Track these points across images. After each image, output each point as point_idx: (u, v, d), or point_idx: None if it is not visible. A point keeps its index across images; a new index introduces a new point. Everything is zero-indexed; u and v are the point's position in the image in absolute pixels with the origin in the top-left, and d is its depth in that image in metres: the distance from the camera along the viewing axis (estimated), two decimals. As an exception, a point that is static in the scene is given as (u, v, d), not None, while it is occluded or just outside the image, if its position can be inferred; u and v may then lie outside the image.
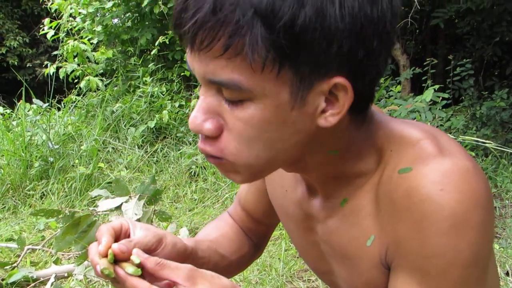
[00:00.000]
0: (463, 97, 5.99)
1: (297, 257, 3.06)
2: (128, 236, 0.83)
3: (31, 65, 11.40)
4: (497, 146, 3.62)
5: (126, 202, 2.06)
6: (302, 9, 0.59)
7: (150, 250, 0.80)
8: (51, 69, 5.77)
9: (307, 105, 0.67)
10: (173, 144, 5.02)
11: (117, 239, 0.80)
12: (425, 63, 5.76)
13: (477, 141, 3.52)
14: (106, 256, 0.75)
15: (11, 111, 5.87)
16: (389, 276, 0.76)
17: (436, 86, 4.75)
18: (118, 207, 2.05)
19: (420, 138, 0.74)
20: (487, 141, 3.30)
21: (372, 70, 0.68)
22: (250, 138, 0.69)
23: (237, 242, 1.13)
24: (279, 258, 3.00)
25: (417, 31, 8.24)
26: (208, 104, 0.69)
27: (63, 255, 3.12)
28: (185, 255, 0.89)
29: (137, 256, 0.74)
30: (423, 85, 5.44)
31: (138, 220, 1.96)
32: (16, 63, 10.99)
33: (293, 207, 0.94)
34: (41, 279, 2.72)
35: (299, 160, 0.77)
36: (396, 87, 5.44)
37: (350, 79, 0.66)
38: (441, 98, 4.65)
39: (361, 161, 0.78)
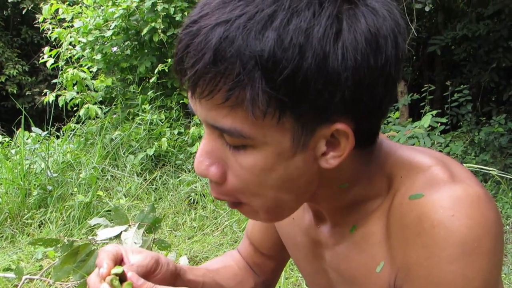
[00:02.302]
0: (461, 123, 6.01)
1: (298, 286, 3.03)
2: (122, 260, 0.83)
3: (30, 93, 11.42)
4: (501, 173, 3.62)
5: (125, 230, 2.04)
6: (303, 61, 0.59)
7: (149, 272, 0.81)
8: (50, 97, 5.79)
9: (308, 149, 0.67)
10: (172, 171, 5.01)
11: (115, 263, 0.81)
12: (422, 89, 5.80)
13: (482, 168, 3.51)
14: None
15: (10, 140, 5.87)
16: None
17: (434, 112, 4.76)
18: (117, 236, 2.03)
19: (430, 164, 0.74)
20: (490, 169, 3.30)
21: (377, 113, 0.69)
22: (254, 184, 0.70)
23: (240, 276, 1.12)
24: (279, 286, 2.98)
25: (414, 57, 8.31)
26: (212, 148, 0.70)
27: (61, 285, 3.08)
28: (175, 274, 0.90)
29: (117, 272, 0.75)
30: (421, 111, 5.46)
31: (138, 249, 1.94)
32: (15, 91, 11.01)
33: (301, 235, 0.94)
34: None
35: (311, 195, 0.77)
36: (394, 113, 5.46)
37: (354, 123, 0.66)
38: (439, 123, 4.66)
39: (371, 188, 0.78)
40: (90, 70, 6.27)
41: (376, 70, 0.63)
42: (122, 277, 0.75)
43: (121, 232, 2.04)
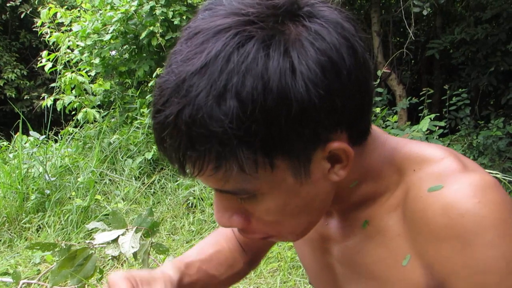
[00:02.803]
0: (460, 127, 6.01)
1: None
2: None
3: (28, 97, 11.41)
4: (505, 176, 3.62)
5: (123, 234, 2.04)
6: (272, 117, 0.59)
7: None
8: (48, 101, 5.79)
9: (313, 174, 0.68)
10: (170, 175, 5.00)
11: None
12: (421, 93, 5.80)
13: (490, 173, 3.51)
14: None
15: (8, 144, 5.86)
16: None
17: (432, 115, 4.76)
18: (115, 240, 2.02)
19: (443, 156, 0.76)
20: (494, 172, 3.30)
21: (362, 116, 0.70)
22: (276, 221, 0.73)
23: (231, 260, 1.12)
24: (277, 291, 2.97)
25: (413, 61, 8.31)
26: (226, 203, 0.73)
27: (59, 289, 3.08)
28: None
29: None
30: (419, 114, 5.46)
31: (135, 253, 1.94)
32: (13, 95, 10.99)
33: None
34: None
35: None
36: (392, 117, 5.46)
37: (344, 133, 0.67)
38: (438, 127, 4.66)
39: (380, 182, 0.79)
40: (89, 74, 6.27)
41: (343, 90, 0.63)
42: None
43: (118, 236, 2.03)
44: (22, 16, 8.77)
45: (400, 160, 0.78)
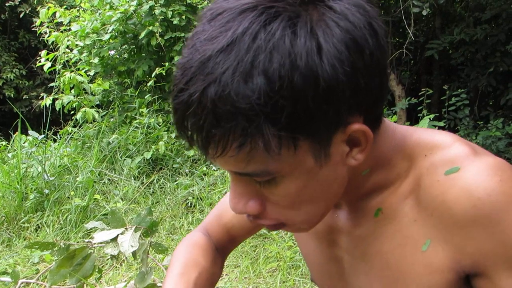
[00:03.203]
0: (459, 127, 6.01)
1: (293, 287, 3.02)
2: None
3: (27, 97, 11.40)
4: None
5: (122, 234, 2.03)
6: (299, 93, 0.59)
7: None
8: (47, 101, 5.78)
9: (332, 157, 0.68)
10: (169, 175, 5.00)
11: None
12: (420, 93, 5.80)
13: None
14: None
15: (7, 143, 5.85)
16: (477, 283, 0.74)
17: (432, 115, 4.77)
18: (114, 239, 2.02)
19: (453, 141, 0.76)
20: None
21: (379, 101, 0.70)
22: (294, 205, 0.72)
23: (211, 276, 1.08)
24: (277, 290, 2.96)
25: (412, 62, 8.31)
26: (243, 189, 0.72)
27: (57, 288, 3.07)
28: None
29: None
30: (419, 115, 5.46)
31: (134, 252, 1.93)
32: (12, 95, 10.99)
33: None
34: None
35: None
36: (392, 117, 5.46)
37: (362, 117, 0.68)
38: (437, 127, 4.66)
39: (391, 170, 0.79)
40: (88, 73, 6.26)
41: (366, 69, 0.64)
42: None
43: (117, 235, 2.03)
44: (21, 15, 8.76)
45: (411, 147, 0.79)
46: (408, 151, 0.78)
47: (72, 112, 6.03)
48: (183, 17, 5.76)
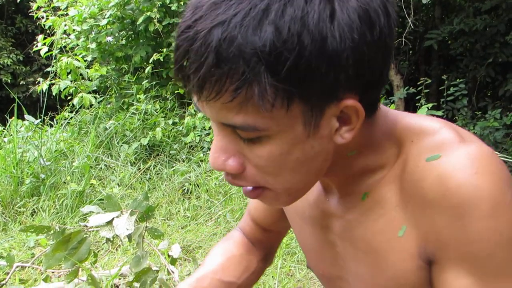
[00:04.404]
0: (457, 117, 6.00)
1: (291, 275, 3.02)
2: None
3: (24, 83, 11.37)
4: (502, 156, 3.60)
5: (117, 217, 2.02)
6: (304, 49, 0.59)
7: None
8: (44, 86, 5.75)
9: (321, 129, 0.68)
10: (166, 161, 4.99)
11: None
12: (419, 83, 5.79)
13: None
14: None
15: (3, 128, 5.83)
16: (434, 270, 0.74)
17: (430, 105, 4.76)
18: (109, 222, 2.01)
19: (440, 127, 0.75)
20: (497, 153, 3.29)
21: (378, 83, 0.70)
22: (274, 171, 0.71)
23: (245, 261, 1.12)
24: (272, 276, 2.97)
25: (411, 51, 8.30)
26: (226, 144, 0.70)
27: (53, 272, 3.06)
28: None
29: None
30: (417, 104, 5.45)
31: (130, 235, 1.92)
32: (9, 80, 10.96)
33: (309, 208, 0.94)
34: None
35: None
36: (390, 106, 5.45)
37: (359, 97, 0.67)
38: (435, 116, 4.65)
39: (380, 155, 0.79)
40: (85, 59, 6.23)
41: (373, 45, 0.64)
42: None
43: (113, 219, 2.02)
44: (18, 0, 8.70)
45: (399, 132, 0.78)
46: (397, 136, 0.78)
47: (69, 97, 6.00)
48: (182, 2, 5.72)
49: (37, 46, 6.05)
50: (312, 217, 0.94)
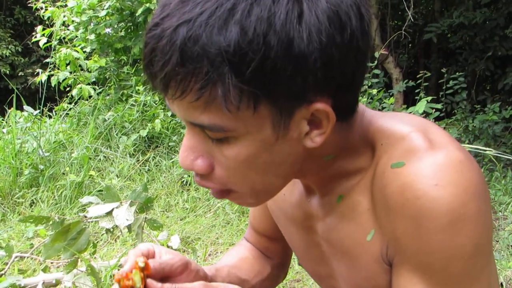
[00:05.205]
0: (456, 111, 6.01)
1: (290, 267, 3.02)
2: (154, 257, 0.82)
3: (23, 74, 11.35)
4: (498, 153, 3.61)
5: (117, 208, 2.02)
6: (270, 50, 0.58)
7: (175, 273, 0.80)
8: (42, 77, 5.73)
9: (290, 132, 0.67)
10: (165, 153, 4.99)
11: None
12: (418, 76, 5.78)
13: (477, 148, 3.51)
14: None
15: (2, 119, 5.82)
16: (392, 273, 0.75)
17: (429, 98, 4.76)
18: (109, 213, 2.01)
19: (409, 131, 0.74)
20: (487, 149, 3.29)
21: (351, 87, 0.68)
22: (242, 172, 0.70)
23: (257, 265, 1.12)
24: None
25: (410, 45, 8.29)
26: (195, 143, 0.70)
27: (52, 263, 3.07)
28: (205, 281, 0.89)
29: (143, 261, 0.74)
30: (416, 97, 5.45)
31: (129, 226, 1.93)
32: (8, 71, 10.93)
33: (292, 209, 0.94)
34: (29, 287, 2.66)
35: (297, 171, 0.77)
36: (389, 99, 5.45)
37: (330, 99, 0.66)
38: (434, 109, 4.65)
39: (357, 158, 0.78)
40: (84, 50, 6.21)
41: (343, 47, 0.63)
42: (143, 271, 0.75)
43: (112, 209, 2.02)
44: (17, -9, 8.67)
45: (372, 134, 0.77)
46: (370, 140, 0.77)
47: (68, 89, 5.99)
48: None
49: (36, 37, 6.04)
50: (295, 218, 0.94)
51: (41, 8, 6.27)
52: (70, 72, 5.88)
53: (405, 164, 0.70)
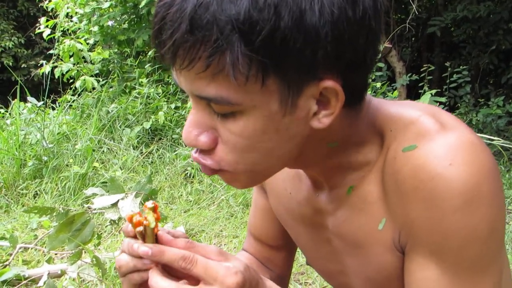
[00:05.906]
0: (459, 104, 6.00)
1: (294, 260, 3.03)
2: None
3: (26, 66, 11.35)
4: (504, 143, 3.59)
5: (122, 199, 2.03)
6: (280, 21, 0.58)
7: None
8: (46, 68, 5.73)
9: (298, 110, 0.66)
10: (168, 145, 4.99)
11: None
12: (422, 69, 5.77)
13: (489, 138, 3.50)
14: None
15: (5, 110, 5.82)
16: (404, 260, 0.74)
17: (433, 91, 4.75)
18: (114, 204, 2.02)
19: (419, 115, 0.73)
20: (496, 138, 3.27)
21: (361, 67, 0.67)
22: (245, 149, 0.68)
23: (261, 273, 1.11)
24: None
25: (413, 38, 8.26)
26: (200, 118, 0.69)
27: (56, 254, 3.08)
28: None
29: (152, 203, 0.72)
30: (419, 91, 5.44)
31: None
32: (11, 63, 10.93)
33: (300, 207, 0.92)
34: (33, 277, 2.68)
35: (299, 157, 0.76)
36: (392, 93, 5.44)
37: (340, 79, 0.65)
38: (438, 103, 4.65)
39: (364, 148, 0.77)
40: (87, 42, 6.21)
41: (355, 23, 0.62)
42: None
43: (118, 201, 2.02)
44: (20, -18, 8.66)
45: (380, 122, 0.77)
46: (378, 127, 0.77)
47: (71, 81, 5.99)
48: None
49: (39, 28, 6.03)
50: (303, 216, 0.92)
51: (45, 0, 6.26)
52: (74, 64, 5.87)
53: (417, 147, 0.69)
